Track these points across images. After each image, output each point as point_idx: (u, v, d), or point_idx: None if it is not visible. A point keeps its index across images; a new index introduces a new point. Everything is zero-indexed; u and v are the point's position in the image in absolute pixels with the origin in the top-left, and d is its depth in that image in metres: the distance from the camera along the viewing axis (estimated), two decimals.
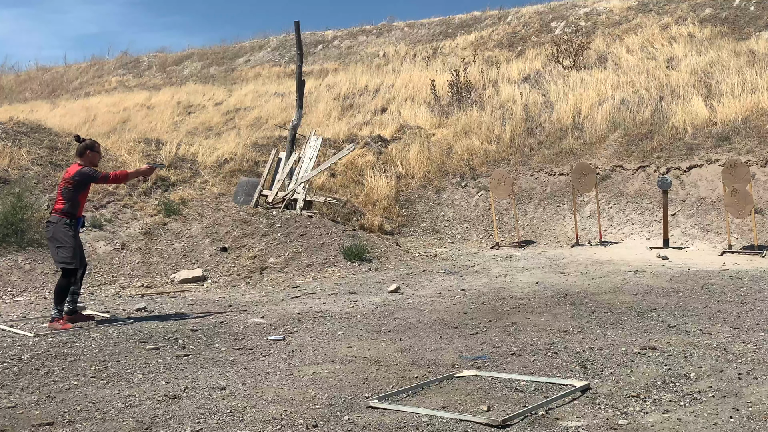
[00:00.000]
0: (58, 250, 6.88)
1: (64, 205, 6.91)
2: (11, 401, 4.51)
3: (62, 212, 6.90)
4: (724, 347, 5.36)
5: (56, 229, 6.87)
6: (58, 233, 6.86)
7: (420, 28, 27.45)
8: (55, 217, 6.92)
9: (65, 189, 6.96)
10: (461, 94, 18.31)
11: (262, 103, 21.33)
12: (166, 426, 4.03)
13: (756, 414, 3.94)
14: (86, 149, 7.05)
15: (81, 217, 7.08)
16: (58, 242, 6.87)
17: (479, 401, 4.33)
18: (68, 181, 6.95)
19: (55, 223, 6.89)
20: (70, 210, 6.91)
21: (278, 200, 12.49)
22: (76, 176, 6.93)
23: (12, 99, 28.58)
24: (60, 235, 6.85)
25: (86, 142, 7.12)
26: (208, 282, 9.74)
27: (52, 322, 6.81)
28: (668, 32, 19.76)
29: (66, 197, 6.93)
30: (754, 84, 14.65)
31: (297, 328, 6.67)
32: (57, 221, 6.89)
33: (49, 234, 6.96)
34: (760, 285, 8.16)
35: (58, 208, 6.94)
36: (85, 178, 6.97)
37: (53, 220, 6.94)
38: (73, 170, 6.99)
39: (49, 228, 6.95)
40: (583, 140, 14.92)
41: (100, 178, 7.07)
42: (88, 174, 6.98)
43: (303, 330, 6.60)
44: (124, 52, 33.25)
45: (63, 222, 6.87)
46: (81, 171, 6.94)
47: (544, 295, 8.04)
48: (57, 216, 6.91)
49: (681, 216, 12.40)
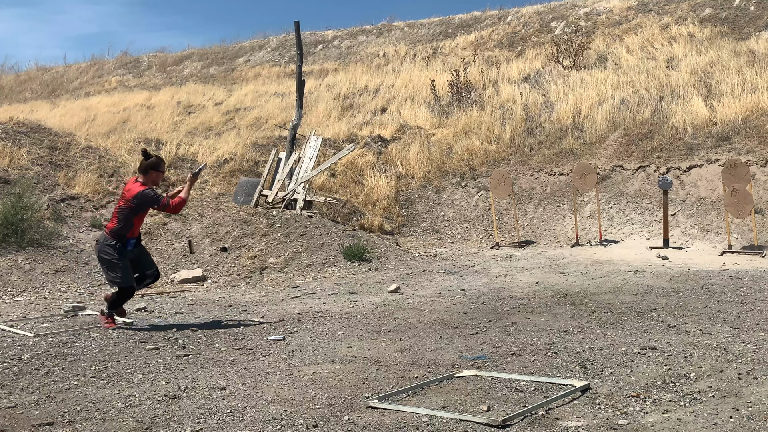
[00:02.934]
0: (106, 269, 6.66)
1: (115, 224, 6.58)
2: (11, 401, 4.51)
3: (111, 232, 6.58)
4: (724, 347, 5.36)
5: (101, 249, 6.63)
6: (103, 253, 6.60)
7: (420, 28, 27.44)
8: (103, 236, 6.68)
9: (122, 210, 6.59)
10: (461, 94, 18.31)
11: (262, 103, 21.33)
12: (166, 426, 4.03)
13: (756, 414, 3.94)
14: (150, 168, 6.64)
15: (133, 237, 6.68)
16: (104, 263, 6.64)
17: (479, 401, 4.33)
18: (127, 202, 6.57)
19: (101, 243, 6.65)
20: (119, 231, 6.57)
21: (278, 200, 12.49)
22: (137, 199, 6.53)
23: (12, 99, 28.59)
24: (105, 256, 6.59)
25: (152, 160, 6.67)
26: (208, 282, 9.74)
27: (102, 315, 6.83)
28: (668, 32, 19.76)
29: (120, 217, 6.58)
30: (754, 84, 14.65)
31: (297, 328, 6.68)
32: (103, 241, 6.62)
33: (96, 252, 6.79)
34: (760, 285, 8.16)
35: (109, 227, 6.66)
36: (145, 202, 6.59)
37: (101, 239, 6.71)
38: (134, 189, 6.57)
39: (96, 246, 6.74)
40: (583, 140, 14.92)
41: (159, 206, 6.63)
42: (150, 198, 6.57)
43: (303, 330, 6.60)
44: (124, 52, 33.28)
45: (108, 243, 6.56)
46: (143, 194, 6.52)
47: (544, 295, 8.04)
48: (105, 235, 6.65)
49: (681, 216, 12.40)
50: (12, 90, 30.96)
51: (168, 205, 6.61)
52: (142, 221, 6.79)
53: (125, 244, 6.60)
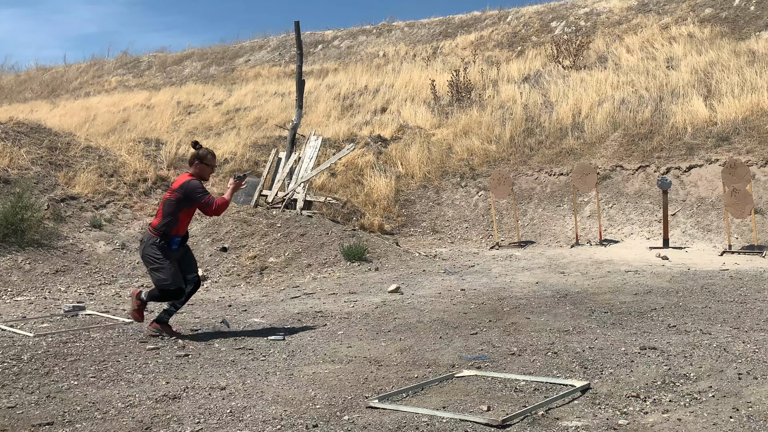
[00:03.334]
0: (152, 271, 6.18)
1: (160, 220, 6.12)
2: (11, 401, 4.51)
3: (156, 229, 6.11)
4: (724, 347, 5.36)
5: (145, 250, 6.18)
6: (147, 254, 6.14)
7: (420, 28, 27.44)
8: (147, 235, 6.21)
9: (168, 202, 6.14)
10: (461, 94, 18.31)
11: (262, 103, 21.33)
12: (166, 426, 4.03)
13: (756, 414, 3.94)
14: (195, 159, 6.23)
15: (179, 236, 6.18)
16: (149, 264, 6.17)
17: (479, 401, 4.33)
18: (173, 193, 6.13)
19: (145, 242, 6.20)
20: (164, 228, 6.08)
21: (278, 200, 12.49)
22: (182, 189, 6.08)
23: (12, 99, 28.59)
24: (149, 258, 6.13)
25: (199, 151, 6.26)
26: (208, 282, 9.74)
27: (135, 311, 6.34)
28: (668, 32, 19.76)
29: (167, 211, 6.11)
30: (754, 84, 14.65)
31: (297, 328, 6.67)
32: (147, 240, 6.17)
33: (140, 253, 6.35)
34: (760, 285, 8.16)
35: (153, 223, 6.19)
36: (189, 195, 6.09)
37: (144, 238, 6.26)
38: (180, 180, 6.17)
39: (139, 247, 6.23)
40: (583, 140, 14.92)
41: (202, 203, 6.12)
42: (195, 189, 6.10)
43: (303, 330, 6.60)
44: (124, 52, 33.27)
45: (152, 242, 6.10)
46: (189, 184, 6.09)
47: (544, 295, 8.04)
48: (148, 234, 6.20)
49: (681, 216, 12.40)
50: (12, 90, 30.97)
51: (211, 204, 6.12)
52: (189, 218, 6.29)
53: (170, 243, 6.13)
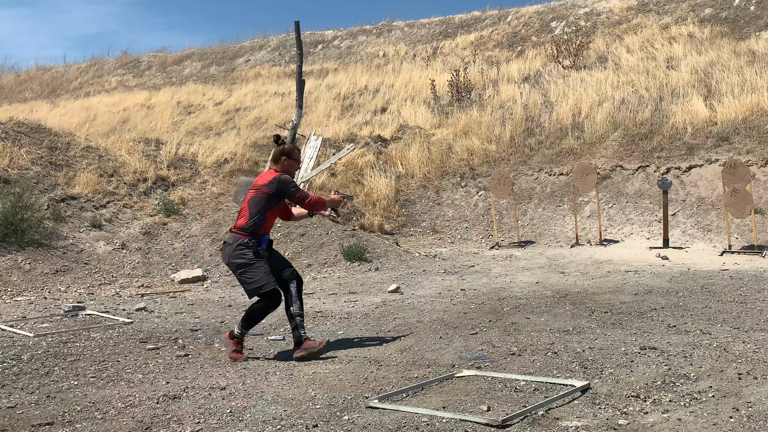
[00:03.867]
0: (242, 276, 5.53)
1: (247, 220, 5.54)
2: (11, 401, 4.51)
3: (242, 230, 5.53)
4: (724, 347, 5.36)
5: (232, 253, 5.53)
6: (235, 257, 5.52)
7: (420, 28, 27.44)
8: (232, 238, 5.58)
9: (255, 199, 5.58)
10: (461, 94, 18.31)
11: (262, 103, 21.33)
12: (166, 426, 4.03)
13: (756, 414, 3.94)
14: (282, 155, 5.72)
15: (266, 234, 5.64)
16: (239, 267, 5.53)
17: (479, 401, 4.33)
18: (261, 188, 5.58)
19: (231, 245, 5.56)
20: (252, 228, 5.52)
21: None
22: (273, 184, 5.56)
23: (12, 99, 28.59)
24: (238, 260, 5.52)
25: (284, 146, 5.77)
26: (208, 282, 9.74)
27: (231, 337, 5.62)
28: (668, 32, 19.76)
29: (255, 209, 5.55)
30: (754, 84, 14.65)
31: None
32: (232, 242, 5.55)
33: (225, 259, 5.66)
34: (760, 285, 8.16)
35: (238, 225, 5.59)
36: (282, 188, 5.59)
37: (229, 241, 5.61)
38: (269, 175, 5.64)
39: (224, 251, 5.64)
40: (583, 140, 14.93)
41: (298, 197, 5.66)
42: (288, 184, 5.60)
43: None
44: (124, 52, 33.27)
45: (239, 243, 5.50)
46: (281, 178, 5.59)
47: (544, 295, 8.04)
48: (234, 236, 5.57)
49: (681, 216, 12.40)
50: (12, 90, 30.97)
51: (306, 198, 5.70)
52: (275, 218, 5.81)
53: (260, 242, 5.56)
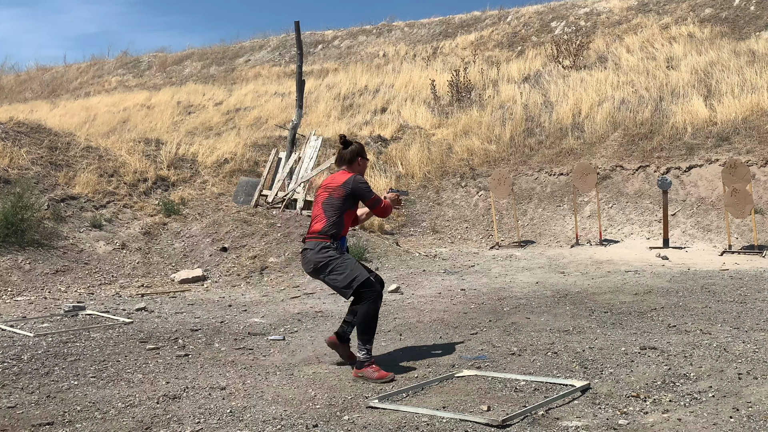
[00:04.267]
0: (331, 275, 5.12)
1: (325, 223, 5.16)
2: (11, 401, 4.51)
3: (322, 234, 5.15)
4: (724, 347, 5.36)
5: (315, 257, 5.12)
6: (319, 259, 5.11)
7: (420, 28, 27.44)
8: (312, 243, 5.16)
9: (330, 202, 5.20)
10: (461, 94, 18.31)
11: (262, 103, 21.33)
12: (166, 426, 4.03)
13: (756, 414, 3.94)
14: (357, 155, 5.34)
15: (344, 237, 5.33)
16: (326, 267, 5.12)
17: (479, 401, 4.33)
18: (337, 190, 5.20)
19: (312, 249, 5.14)
20: (333, 230, 5.16)
21: (278, 200, 12.49)
22: (347, 186, 5.19)
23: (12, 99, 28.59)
24: (322, 261, 5.11)
25: (355, 146, 5.38)
26: (208, 282, 9.74)
27: (360, 368, 4.97)
28: (668, 32, 19.76)
29: (331, 212, 5.18)
30: (754, 84, 14.65)
31: (297, 328, 6.67)
32: (314, 246, 5.14)
33: (309, 266, 5.17)
34: (760, 285, 8.16)
35: (315, 229, 5.19)
36: (357, 191, 5.22)
37: (309, 245, 5.18)
38: (342, 177, 5.26)
39: (305, 257, 5.19)
40: (583, 140, 14.93)
41: (372, 199, 5.27)
42: (364, 186, 5.25)
43: (303, 330, 6.60)
44: (124, 52, 33.30)
45: (322, 246, 5.11)
46: (356, 179, 5.23)
47: (544, 295, 8.04)
48: (314, 241, 5.16)
49: (681, 216, 12.40)
50: (12, 90, 30.97)
51: (380, 201, 5.34)
52: (351, 221, 5.41)
53: (341, 244, 5.26)
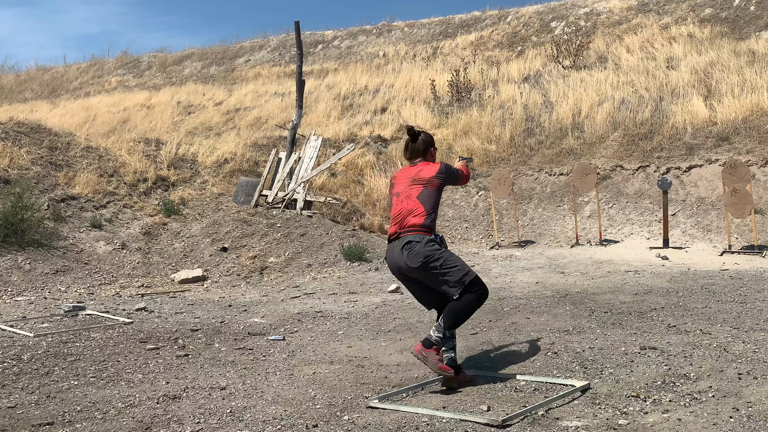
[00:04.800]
0: (442, 270, 4.73)
1: (425, 216, 4.81)
2: (11, 401, 4.51)
3: (425, 227, 4.80)
4: (724, 347, 5.36)
5: (422, 250, 4.72)
6: (429, 253, 4.72)
7: (420, 28, 27.44)
8: (416, 236, 4.77)
9: (427, 193, 4.87)
10: (461, 94, 18.30)
11: (262, 103, 21.33)
12: (166, 426, 4.03)
13: (756, 414, 3.94)
14: (430, 146, 5.10)
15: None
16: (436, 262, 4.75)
17: (479, 401, 4.33)
18: (431, 182, 4.89)
19: (419, 242, 4.74)
20: (431, 224, 4.84)
21: (278, 200, 12.49)
22: (443, 172, 4.93)
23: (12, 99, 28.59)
24: (434, 256, 4.73)
25: (425, 136, 5.11)
26: (208, 282, 9.74)
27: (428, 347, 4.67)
28: (668, 32, 19.76)
29: (429, 204, 4.85)
30: (754, 84, 14.65)
31: (297, 328, 6.68)
32: (420, 239, 4.75)
33: (417, 259, 4.71)
34: (760, 285, 8.16)
35: (415, 222, 4.80)
36: (451, 175, 5.02)
37: (415, 238, 4.76)
38: (432, 166, 4.96)
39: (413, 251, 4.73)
40: (583, 140, 14.93)
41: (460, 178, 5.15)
42: (455, 170, 5.07)
43: (303, 330, 6.60)
44: (124, 52, 33.30)
45: (428, 240, 4.75)
46: (445, 165, 5.00)
47: (544, 295, 8.04)
48: (417, 234, 4.78)
49: (681, 216, 12.40)
50: (12, 90, 30.97)
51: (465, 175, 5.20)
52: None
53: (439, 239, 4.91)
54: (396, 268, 4.90)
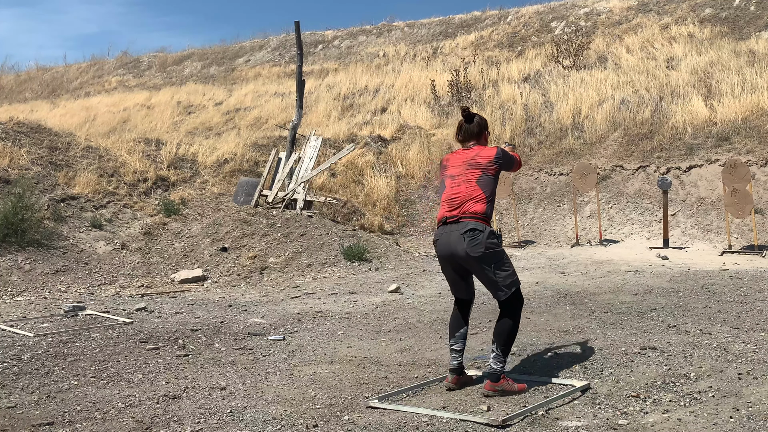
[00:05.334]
0: (497, 269, 4.53)
1: (486, 204, 4.57)
2: (11, 401, 4.51)
3: (485, 217, 4.55)
4: (724, 347, 5.36)
5: (486, 241, 4.48)
6: (491, 248, 4.50)
7: (420, 28, 27.45)
8: (479, 224, 4.51)
9: (485, 179, 4.62)
10: (461, 94, 18.31)
11: (262, 103, 21.33)
12: (166, 426, 4.03)
13: (756, 414, 3.94)
14: (484, 129, 4.86)
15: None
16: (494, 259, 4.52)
17: (479, 401, 4.33)
18: (489, 167, 4.64)
19: (482, 232, 4.48)
20: (490, 213, 4.60)
21: (278, 200, 12.49)
22: (498, 159, 4.67)
23: (12, 99, 28.60)
24: (494, 251, 4.51)
25: (480, 119, 4.87)
26: (208, 282, 9.74)
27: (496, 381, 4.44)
28: (668, 32, 19.76)
29: (488, 191, 4.60)
30: (754, 84, 14.65)
31: (297, 328, 6.67)
32: (483, 229, 4.49)
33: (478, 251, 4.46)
34: (760, 285, 8.16)
35: (477, 210, 4.54)
36: (509, 160, 4.78)
37: (478, 227, 4.50)
38: (487, 153, 4.69)
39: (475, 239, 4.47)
40: (583, 140, 14.93)
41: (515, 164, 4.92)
42: (511, 156, 4.82)
43: (303, 330, 6.60)
44: (124, 52, 33.31)
45: (491, 231, 4.53)
46: (502, 150, 4.75)
47: (544, 295, 8.04)
48: (480, 222, 4.53)
49: (681, 216, 12.40)
50: (12, 90, 30.97)
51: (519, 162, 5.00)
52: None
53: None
54: (448, 253, 4.60)
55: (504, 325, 4.55)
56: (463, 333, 4.68)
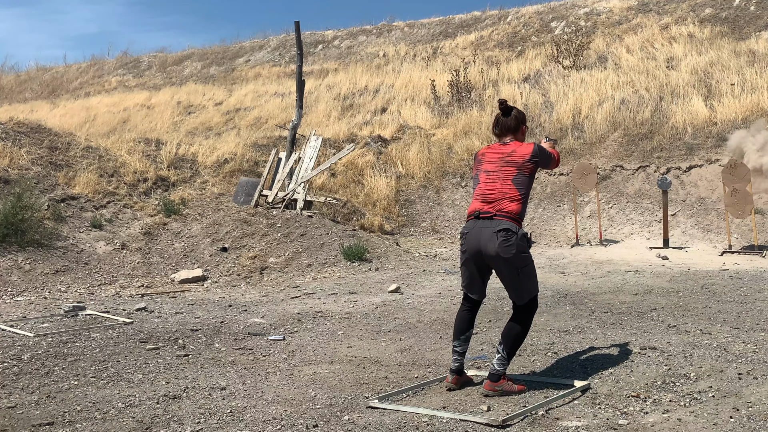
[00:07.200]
0: (523, 271, 4.50)
1: (521, 204, 4.47)
2: (11, 401, 4.51)
3: (519, 218, 4.47)
4: (724, 347, 5.36)
5: (519, 243, 4.42)
6: (523, 250, 4.46)
7: (420, 28, 27.44)
8: (513, 225, 4.42)
9: (520, 177, 4.50)
10: (461, 94, 18.31)
11: (262, 103, 21.33)
12: (166, 426, 4.03)
13: (756, 414, 3.94)
14: (522, 123, 4.73)
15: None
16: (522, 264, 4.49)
17: (479, 401, 4.33)
18: (525, 165, 4.51)
19: (515, 233, 4.40)
20: (524, 214, 4.51)
21: (278, 200, 12.49)
22: (535, 156, 4.53)
23: (12, 99, 28.59)
24: (524, 254, 4.48)
25: (517, 112, 4.73)
26: (208, 282, 9.74)
27: (496, 381, 4.42)
28: (668, 32, 19.76)
29: (524, 190, 4.50)
30: (754, 84, 14.65)
31: (297, 328, 6.67)
32: (516, 231, 4.41)
33: (510, 252, 4.39)
34: (760, 285, 8.16)
35: (512, 210, 4.45)
36: (546, 157, 4.64)
37: (512, 228, 4.41)
38: (525, 147, 4.56)
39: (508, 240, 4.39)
40: (583, 140, 14.93)
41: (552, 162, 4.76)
42: (548, 153, 4.67)
43: (303, 330, 6.60)
44: (124, 52, 33.30)
45: (524, 234, 4.47)
46: (539, 146, 4.61)
47: (544, 295, 8.03)
48: (513, 223, 4.43)
49: (681, 216, 12.40)
50: (12, 90, 30.97)
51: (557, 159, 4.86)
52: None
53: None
54: (476, 249, 4.49)
55: (514, 328, 4.50)
56: (468, 336, 4.65)
